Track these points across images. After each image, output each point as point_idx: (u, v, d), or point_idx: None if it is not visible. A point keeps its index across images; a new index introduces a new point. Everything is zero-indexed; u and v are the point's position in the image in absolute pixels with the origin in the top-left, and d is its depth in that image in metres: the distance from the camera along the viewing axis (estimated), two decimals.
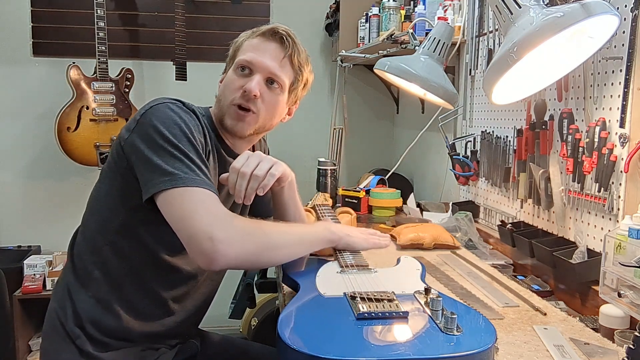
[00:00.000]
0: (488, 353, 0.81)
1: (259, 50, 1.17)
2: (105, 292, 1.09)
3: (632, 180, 1.18)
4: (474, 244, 1.68)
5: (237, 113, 1.16)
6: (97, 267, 1.10)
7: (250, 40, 1.20)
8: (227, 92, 1.17)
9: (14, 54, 2.90)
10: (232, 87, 1.17)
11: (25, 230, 2.97)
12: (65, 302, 1.12)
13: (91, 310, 1.09)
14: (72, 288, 1.12)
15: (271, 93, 1.18)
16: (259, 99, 1.16)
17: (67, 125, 2.70)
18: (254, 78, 1.15)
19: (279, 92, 1.19)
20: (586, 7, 0.97)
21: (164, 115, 1.06)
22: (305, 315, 0.95)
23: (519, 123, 1.66)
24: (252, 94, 1.14)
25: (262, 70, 1.16)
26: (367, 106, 3.27)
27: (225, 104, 1.18)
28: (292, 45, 1.18)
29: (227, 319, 1.74)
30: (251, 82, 1.14)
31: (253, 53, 1.16)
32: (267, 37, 1.18)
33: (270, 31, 1.18)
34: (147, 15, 2.99)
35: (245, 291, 1.72)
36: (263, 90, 1.16)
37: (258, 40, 1.18)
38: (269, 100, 1.18)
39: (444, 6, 2.07)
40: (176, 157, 1.01)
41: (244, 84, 1.15)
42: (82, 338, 1.07)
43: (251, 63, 1.16)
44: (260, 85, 1.15)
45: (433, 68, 1.55)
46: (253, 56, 1.16)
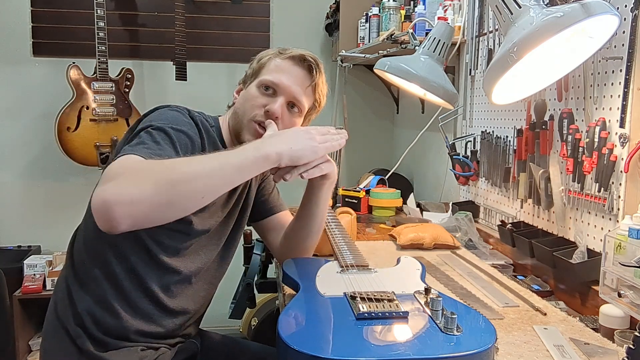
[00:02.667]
0: (488, 353, 0.81)
1: (287, 74, 1.18)
2: (105, 291, 1.09)
3: (632, 180, 1.18)
4: (474, 244, 1.68)
5: (256, 130, 1.16)
6: (96, 266, 1.10)
7: (276, 60, 1.20)
8: (248, 107, 1.18)
9: (14, 54, 2.90)
10: (254, 104, 1.17)
11: (25, 230, 2.98)
12: (65, 302, 1.12)
13: (91, 309, 1.09)
14: (72, 287, 1.12)
15: (291, 116, 1.20)
16: (279, 120, 1.17)
17: (67, 125, 2.70)
18: (277, 100, 1.16)
19: (297, 115, 1.21)
20: (586, 7, 0.97)
21: (154, 114, 1.09)
22: (305, 315, 0.95)
23: (519, 123, 1.66)
24: (275, 115, 1.15)
25: (287, 94, 1.18)
26: (367, 106, 3.27)
27: (245, 118, 1.18)
28: (317, 76, 1.21)
29: (227, 319, 1.74)
30: (275, 103, 1.16)
31: (280, 75, 1.17)
32: (295, 62, 1.20)
33: (299, 57, 1.20)
34: (147, 15, 2.99)
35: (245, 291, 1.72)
36: (284, 112, 1.18)
37: (286, 64, 1.19)
38: (287, 123, 1.19)
39: (444, 6, 2.07)
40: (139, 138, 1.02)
41: (267, 104, 1.16)
42: (83, 337, 1.07)
43: (277, 85, 1.17)
44: (282, 107, 1.17)
45: (433, 68, 1.55)
46: (280, 78, 1.17)
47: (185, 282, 1.17)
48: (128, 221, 0.86)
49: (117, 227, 0.86)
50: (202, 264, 1.20)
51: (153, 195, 0.87)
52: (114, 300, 1.09)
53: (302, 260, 1.28)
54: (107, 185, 0.88)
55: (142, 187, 0.87)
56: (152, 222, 0.91)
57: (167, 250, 1.12)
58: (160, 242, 1.11)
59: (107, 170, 0.93)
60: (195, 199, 0.92)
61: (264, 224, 1.39)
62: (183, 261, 1.15)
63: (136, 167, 0.93)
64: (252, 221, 1.40)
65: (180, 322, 1.18)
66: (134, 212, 0.86)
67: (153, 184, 0.88)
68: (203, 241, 1.19)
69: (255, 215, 1.38)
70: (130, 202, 0.86)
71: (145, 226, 0.90)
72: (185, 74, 2.83)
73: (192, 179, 0.91)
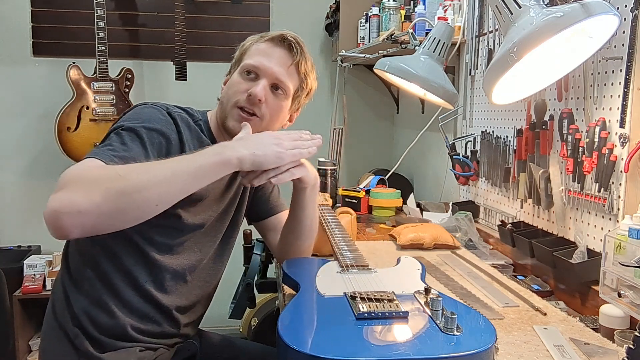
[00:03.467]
0: (488, 353, 0.81)
1: (267, 56, 1.16)
2: (99, 292, 1.09)
3: (632, 180, 1.18)
4: (474, 244, 1.68)
5: (240, 116, 1.15)
6: (89, 266, 1.10)
7: (257, 44, 1.19)
8: (231, 93, 1.17)
9: (14, 54, 2.90)
10: (236, 90, 1.16)
11: (25, 230, 2.97)
12: (62, 303, 1.12)
13: (87, 309, 1.08)
14: (68, 288, 1.12)
15: (275, 98, 1.17)
16: (263, 103, 1.15)
17: (67, 125, 2.70)
18: (259, 83, 1.14)
19: (283, 97, 1.19)
20: (586, 7, 0.97)
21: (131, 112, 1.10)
22: (305, 315, 0.95)
23: (519, 123, 1.66)
24: (257, 98, 1.13)
25: (269, 76, 1.16)
26: (367, 106, 3.27)
27: (228, 105, 1.17)
28: (300, 53, 1.18)
29: (227, 319, 1.74)
30: (257, 86, 1.14)
31: (260, 57, 1.16)
32: (275, 42, 1.18)
33: (279, 37, 1.18)
34: (147, 15, 2.99)
35: (245, 291, 1.72)
36: (268, 95, 1.16)
37: (266, 45, 1.18)
38: (272, 106, 1.17)
39: (444, 6, 2.07)
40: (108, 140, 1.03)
41: (250, 88, 1.14)
42: (81, 337, 1.07)
43: (258, 68, 1.15)
44: (265, 90, 1.15)
45: (433, 68, 1.55)
46: (260, 61, 1.15)
47: (180, 279, 1.16)
48: (77, 230, 0.87)
49: (68, 235, 0.88)
50: (197, 261, 1.19)
51: (101, 205, 0.87)
52: (109, 300, 1.08)
53: (302, 260, 1.28)
54: (58, 193, 0.89)
55: (91, 196, 0.87)
56: (102, 231, 0.91)
57: (159, 248, 1.11)
58: (152, 240, 1.10)
59: (63, 176, 0.92)
60: (148, 207, 0.92)
61: (264, 224, 1.39)
62: (176, 258, 1.14)
63: (88, 175, 0.92)
64: (253, 221, 1.39)
65: (176, 320, 1.17)
66: (83, 221, 0.87)
67: (102, 194, 0.87)
68: (198, 237, 1.18)
69: (256, 215, 1.38)
70: (77, 212, 0.86)
71: (97, 234, 0.91)
72: (185, 74, 2.83)
73: (143, 187, 0.90)
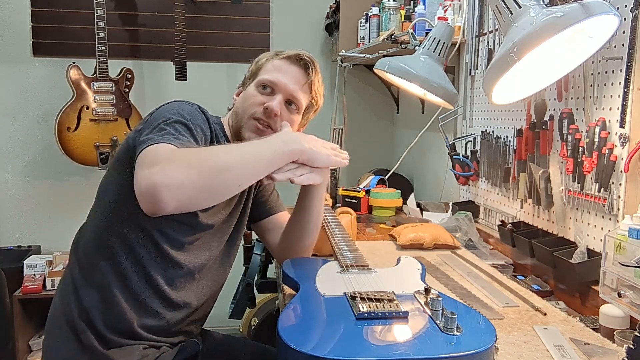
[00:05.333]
0: (488, 353, 0.81)
1: (283, 72, 1.23)
2: (110, 283, 1.10)
3: (632, 180, 1.18)
4: (474, 244, 1.68)
5: (256, 127, 1.21)
6: (103, 259, 1.12)
7: (274, 61, 1.25)
8: (248, 105, 1.22)
9: (14, 54, 2.90)
10: (253, 102, 1.22)
11: (25, 230, 2.98)
12: (69, 297, 1.13)
13: (96, 302, 1.10)
14: (77, 283, 1.13)
15: (289, 113, 1.24)
16: (278, 117, 1.21)
17: (67, 125, 2.70)
18: (275, 97, 1.21)
19: (295, 112, 1.25)
20: (586, 7, 0.97)
21: (170, 106, 1.13)
22: (305, 316, 0.95)
23: (519, 123, 1.66)
24: (274, 112, 1.19)
25: (284, 92, 1.22)
26: (367, 106, 3.27)
27: (244, 116, 1.22)
28: (313, 73, 1.26)
29: (227, 319, 1.74)
30: (273, 100, 1.20)
31: (277, 74, 1.23)
32: (292, 61, 1.25)
33: (295, 56, 1.25)
34: (147, 15, 2.99)
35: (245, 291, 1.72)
36: (282, 110, 1.22)
37: (282, 63, 1.24)
38: (286, 120, 1.23)
39: (444, 6, 2.07)
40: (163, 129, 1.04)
41: (266, 102, 1.20)
42: (87, 332, 1.08)
43: (275, 83, 1.22)
44: (280, 105, 1.21)
45: (433, 68, 1.55)
46: (277, 77, 1.22)
47: (189, 276, 1.18)
48: (174, 204, 0.90)
49: (164, 209, 0.90)
50: (206, 260, 1.21)
51: (197, 181, 0.92)
52: (119, 292, 1.10)
53: (302, 260, 1.28)
54: (155, 169, 0.91)
55: (189, 172, 0.92)
56: (191, 206, 0.97)
57: (172, 243, 1.14)
58: (166, 234, 1.12)
59: (147, 155, 0.96)
60: (234, 186, 0.99)
61: (263, 225, 1.39)
62: (187, 255, 1.17)
63: (178, 153, 0.97)
64: (251, 222, 1.40)
65: (183, 316, 1.18)
66: (181, 195, 0.91)
67: (198, 170, 0.93)
68: (207, 237, 1.21)
69: (255, 215, 1.38)
70: (177, 186, 0.90)
71: (188, 209, 0.95)
72: (185, 74, 2.83)
73: (231, 167, 0.97)
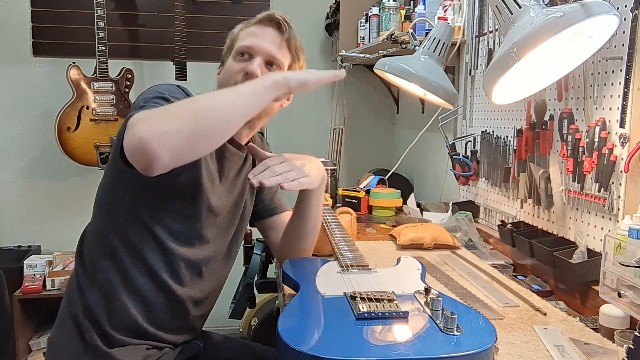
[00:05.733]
0: (488, 353, 0.81)
1: (257, 36, 1.20)
2: (113, 281, 1.10)
3: (632, 180, 1.18)
4: (474, 244, 1.68)
5: None
6: (105, 257, 1.12)
7: (247, 29, 1.23)
8: (228, 76, 1.19)
9: (14, 54, 2.90)
10: (233, 72, 1.19)
11: (25, 230, 2.98)
12: (74, 297, 1.13)
13: (100, 301, 1.10)
14: (81, 282, 1.13)
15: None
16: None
17: (67, 125, 2.70)
18: (254, 60, 1.18)
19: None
20: (586, 7, 0.97)
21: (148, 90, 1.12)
22: (305, 315, 0.95)
23: (519, 123, 1.66)
24: (255, 74, 1.15)
25: (262, 54, 1.18)
26: (367, 106, 3.27)
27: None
28: (288, 30, 1.21)
29: (227, 319, 1.74)
30: (252, 64, 1.17)
31: (252, 38, 1.20)
32: (264, 23, 1.22)
33: (267, 17, 1.22)
34: (147, 15, 2.99)
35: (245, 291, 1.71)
36: (264, 72, 1.18)
37: (255, 27, 1.22)
38: None
39: (444, 6, 2.07)
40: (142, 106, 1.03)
41: (245, 67, 1.17)
42: (91, 331, 1.08)
43: (251, 48, 1.19)
44: (261, 67, 1.18)
45: (433, 68, 1.55)
46: (252, 41, 1.19)
47: (195, 270, 1.17)
48: (167, 153, 0.88)
49: (157, 161, 0.88)
50: (212, 253, 1.21)
51: (181, 125, 0.91)
52: (122, 290, 1.10)
53: (302, 260, 1.28)
54: (138, 126, 0.90)
55: (172, 120, 0.91)
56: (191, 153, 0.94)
57: (175, 236, 1.13)
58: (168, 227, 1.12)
59: (131, 120, 0.95)
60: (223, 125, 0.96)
61: (266, 223, 1.39)
62: (192, 249, 1.16)
63: (159, 109, 0.96)
64: (255, 219, 1.40)
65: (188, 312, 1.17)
66: (171, 142, 0.89)
67: (178, 117, 0.92)
68: (213, 228, 1.20)
69: (259, 213, 1.38)
70: (163, 133, 0.89)
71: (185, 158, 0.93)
72: (185, 74, 2.83)
73: (213, 106, 0.96)
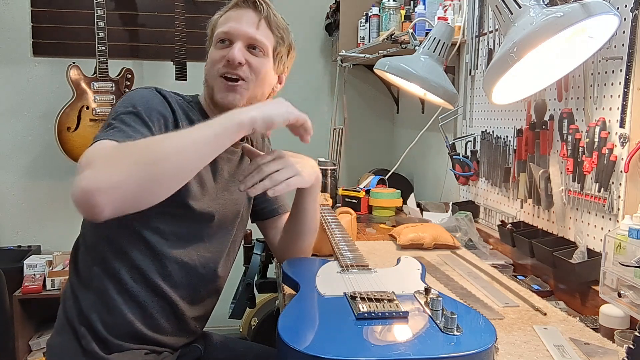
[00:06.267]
0: (488, 353, 0.81)
1: (234, 20, 1.16)
2: (107, 288, 1.08)
3: (632, 180, 1.18)
4: (474, 244, 1.68)
5: (225, 84, 1.14)
6: (96, 263, 1.10)
7: (224, 14, 1.20)
8: (211, 66, 1.16)
9: (14, 54, 2.90)
10: (214, 61, 1.15)
11: (25, 230, 2.97)
12: (70, 302, 1.12)
13: (95, 307, 1.08)
14: (75, 287, 1.12)
15: (256, 58, 1.16)
16: (244, 65, 1.14)
17: (67, 125, 2.70)
18: (234, 46, 1.14)
19: (262, 56, 1.17)
20: (586, 7, 0.97)
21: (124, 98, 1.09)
22: (305, 315, 0.95)
23: (519, 123, 1.66)
24: (237, 61, 1.12)
25: (241, 37, 1.15)
26: (367, 106, 3.27)
27: (212, 79, 1.16)
28: (265, 8, 1.17)
29: (227, 319, 1.74)
30: (232, 50, 1.13)
31: (229, 23, 1.16)
32: (239, 5, 1.18)
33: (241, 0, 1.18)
34: (147, 15, 2.99)
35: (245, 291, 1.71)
36: (247, 57, 1.15)
37: (231, 12, 1.18)
38: (255, 66, 1.16)
39: (444, 6, 2.07)
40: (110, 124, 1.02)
41: (226, 54, 1.14)
42: (87, 337, 1.07)
43: (229, 33, 1.15)
44: (242, 51, 1.14)
45: (433, 68, 1.55)
46: (230, 25, 1.15)
47: (189, 271, 1.15)
48: (110, 206, 0.84)
49: (101, 214, 0.84)
50: (209, 253, 1.18)
51: (130, 177, 0.86)
52: (116, 296, 1.08)
53: (302, 260, 1.28)
54: (85, 172, 0.85)
55: (120, 170, 0.86)
56: (135, 206, 0.89)
57: (167, 238, 1.11)
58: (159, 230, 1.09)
59: (82, 159, 0.90)
60: (174, 175, 0.91)
61: (268, 223, 1.39)
62: (186, 251, 1.13)
63: (111, 151, 0.92)
64: (257, 219, 1.39)
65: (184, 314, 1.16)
66: (115, 196, 0.84)
67: (130, 166, 0.87)
68: (210, 229, 1.18)
69: (262, 214, 1.38)
70: (110, 186, 0.84)
71: (130, 211, 0.89)
72: (185, 74, 2.83)
73: (167, 156, 0.89)
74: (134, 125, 1.02)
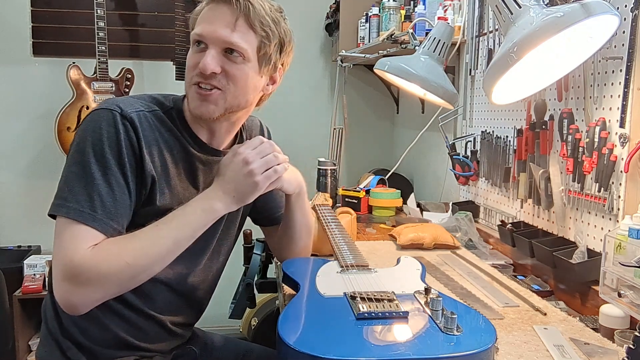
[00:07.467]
0: (488, 353, 0.81)
1: (209, 20, 1.02)
2: None
3: (632, 180, 1.18)
4: (474, 244, 1.68)
5: (197, 93, 1.03)
6: None
7: (202, 12, 1.06)
8: (187, 72, 1.05)
9: (14, 54, 2.90)
10: (189, 66, 1.05)
11: (25, 230, 2.97)
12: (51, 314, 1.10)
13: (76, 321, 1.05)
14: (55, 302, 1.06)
15: (233, 65, 1.02)
16: (220, 74, 1.02)
17: (67, 125, 2.70)
18: (207, 53, 1.01)
19: (242, 61, 1.03)
20: (586, 7, 0.97)
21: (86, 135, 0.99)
22: (305, 315, 0.95)
23: (519, 123, 1.66)
24: (208, 71, 1.00)
25: (215, 42, 1.01)
26: (367, 106, 3.27)
27: (186, 86, 1.06)
28: (243, 4, 1.01)
29: (227, 319, 1.74)
30: (205, 58, 1.01)
31: (204, 24, 1.03)
32: (215, 2, 1.03)
33: None
34: (147, 15, 2.99)
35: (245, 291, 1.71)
36: (223, 64, 1.02)
37: (207, 10, 1.04)
38: (232, 74, 1.03)
39: (444, 6, 2.07)
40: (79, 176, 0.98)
41: (199, 61, 1.02)
42: (73, 349, 1.05)
43: (202, 36, 1.02)
44: (216, 59, 1.01)
45: (433, 68, 1.56)
46: (203, 27, 1.02)
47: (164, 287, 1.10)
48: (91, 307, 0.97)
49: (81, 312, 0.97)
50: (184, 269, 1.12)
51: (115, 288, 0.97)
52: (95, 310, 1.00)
53: (302, 260, 1.28)
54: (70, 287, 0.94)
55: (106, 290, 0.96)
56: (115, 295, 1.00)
57: None
58: None
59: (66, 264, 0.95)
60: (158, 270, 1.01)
61: (267, 230, 1.39)
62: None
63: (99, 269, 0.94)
64: (262, 225, 1.39)
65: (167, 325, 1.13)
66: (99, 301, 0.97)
67: (116, 285, 0.96)
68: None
69: (267, 220, 1.37)
70: (94, 300, 0.96)
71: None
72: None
73: (150, 265, 0.98)
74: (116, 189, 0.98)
